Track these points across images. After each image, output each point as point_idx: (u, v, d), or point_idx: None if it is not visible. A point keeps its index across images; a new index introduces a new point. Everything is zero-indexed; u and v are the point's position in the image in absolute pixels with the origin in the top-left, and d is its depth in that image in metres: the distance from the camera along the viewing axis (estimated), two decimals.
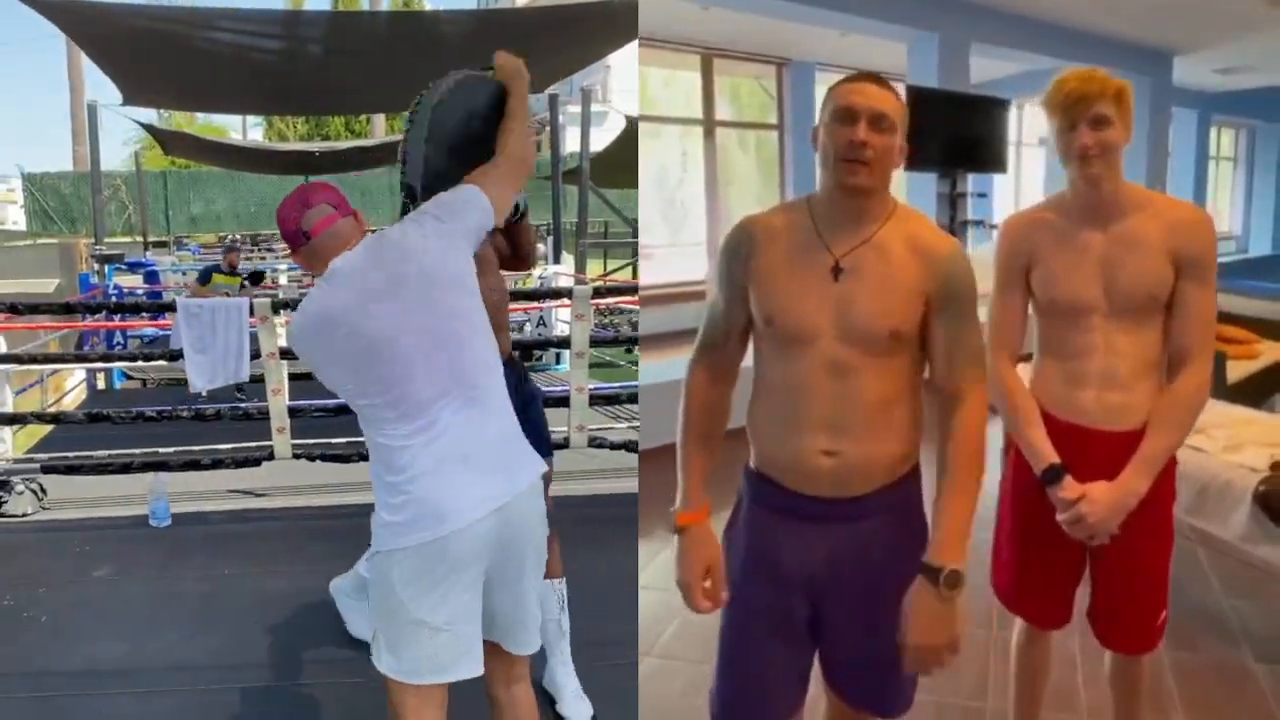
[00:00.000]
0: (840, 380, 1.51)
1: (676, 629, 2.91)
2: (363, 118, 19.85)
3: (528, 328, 8.11)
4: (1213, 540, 3.02)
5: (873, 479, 1.55)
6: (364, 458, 3.57)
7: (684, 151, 7.38)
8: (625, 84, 10.11)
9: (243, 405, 4.89)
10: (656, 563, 3.23)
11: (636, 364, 6.81)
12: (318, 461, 4.25)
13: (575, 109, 8.75)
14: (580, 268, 9.29)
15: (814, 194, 1.59)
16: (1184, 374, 1.78)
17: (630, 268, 11.74)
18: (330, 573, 3.00)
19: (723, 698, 1.67)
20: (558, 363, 7.69)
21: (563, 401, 4.25)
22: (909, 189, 6.83)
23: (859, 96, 1.49)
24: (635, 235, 12.62)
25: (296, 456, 4.24)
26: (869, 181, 1.51)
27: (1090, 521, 1.76)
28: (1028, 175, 10.23)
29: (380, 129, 17.63)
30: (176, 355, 4.50)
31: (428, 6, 23.51)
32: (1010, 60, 7.72)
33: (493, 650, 1.64)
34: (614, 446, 4.51)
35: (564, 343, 4.52)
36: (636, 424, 5.06)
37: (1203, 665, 2.47)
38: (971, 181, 6.97)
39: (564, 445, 4.18)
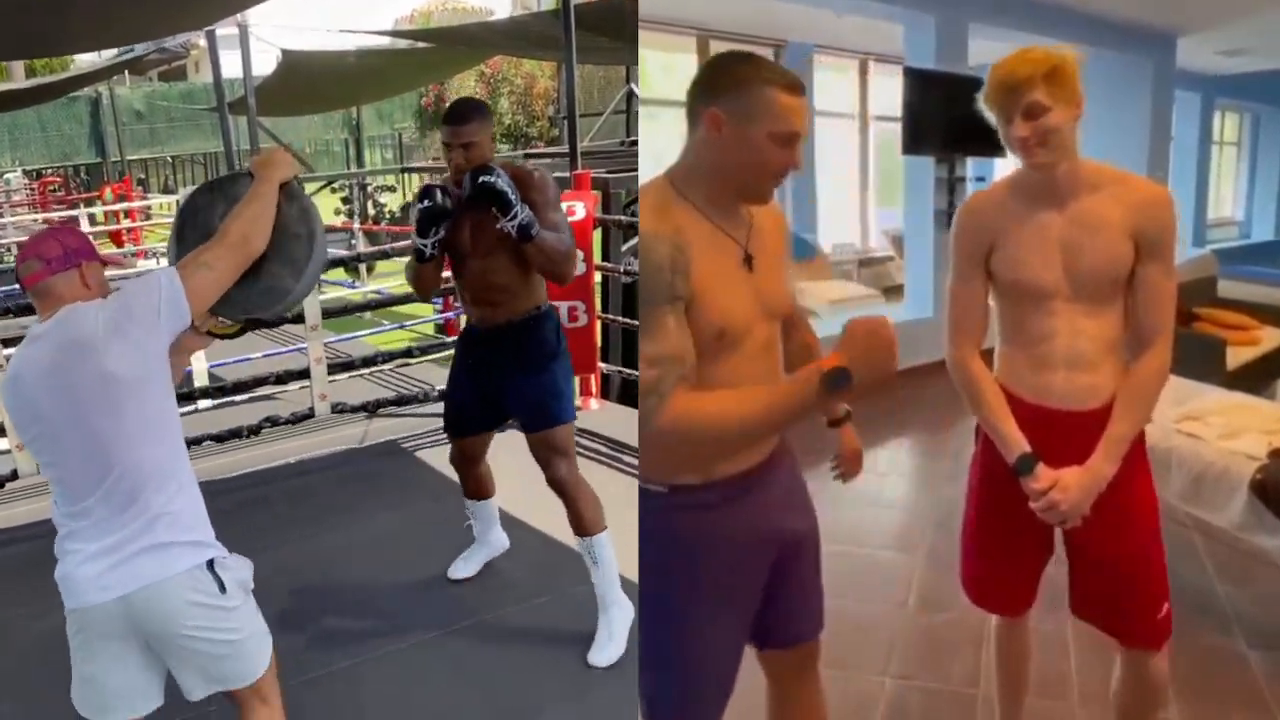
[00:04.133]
0: None
1: None
2: None
3: None
4: (1208, 528, 2.99)
5: None
6: (195, 442, 4.04)
7: (681, 135, 7.31)
8: (273, 13, 10.42)
9: None
10: None
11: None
12: None
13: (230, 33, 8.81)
14: None
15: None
16: (1145, 356, 1.77)
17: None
18: None
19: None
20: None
21: (304, 373, 4.43)
22: (906, 173, 6.78)
23: None
24: (307, 166, 12.74)
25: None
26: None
27: (1064, 508, 1.76)
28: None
29: (20, 71, 17.32)
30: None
31: None
32: (1009, 42, 7.64)
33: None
34: (354, 409, 4.62)
35: (296, 319, 4.45)
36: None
37: (1196, 651, 2.45)
38: (970, 166, 6.91)
39: (310, 415, 4.45)
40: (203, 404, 5.05)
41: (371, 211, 15.05)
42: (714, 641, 1.64)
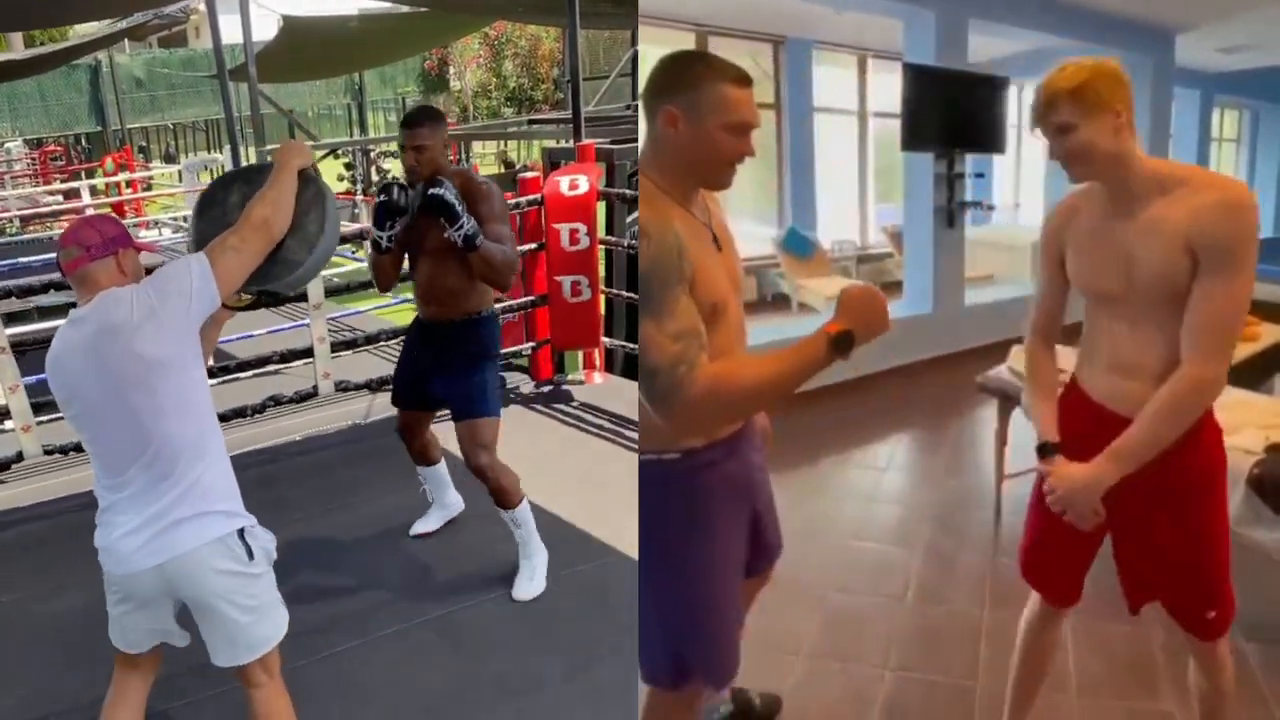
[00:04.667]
0: None
1: None
2: None
3: None
4: None
5: None
6: None
7: None
8: None
9: None
10: None
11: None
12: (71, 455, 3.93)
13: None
14: None
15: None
16: (1181, 370, 1.71)
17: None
18: None
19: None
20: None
21: (307, 352, 4.47)
22: (906, 169, 6.79)
23: None
24: (309, 134, 12.70)
25: (49, 453, 3.89)
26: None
27: (1058, 495, 1.81)
28: (1028, 156, 10.17)
29: (19, 41, 17.11)
30: None
31: None
32: (1009, 39, 7.64)
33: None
34: (358, 387, 4.64)
35: (299, 296, 4.48)
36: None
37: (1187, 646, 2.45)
38: (970, 162, 6.92)
39: (313, 394, 4.50)
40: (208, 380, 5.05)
41: (375, 178, 14.94)
42: (733, 580, 1.81)
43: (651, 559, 1.75)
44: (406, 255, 3.00)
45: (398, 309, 6.55)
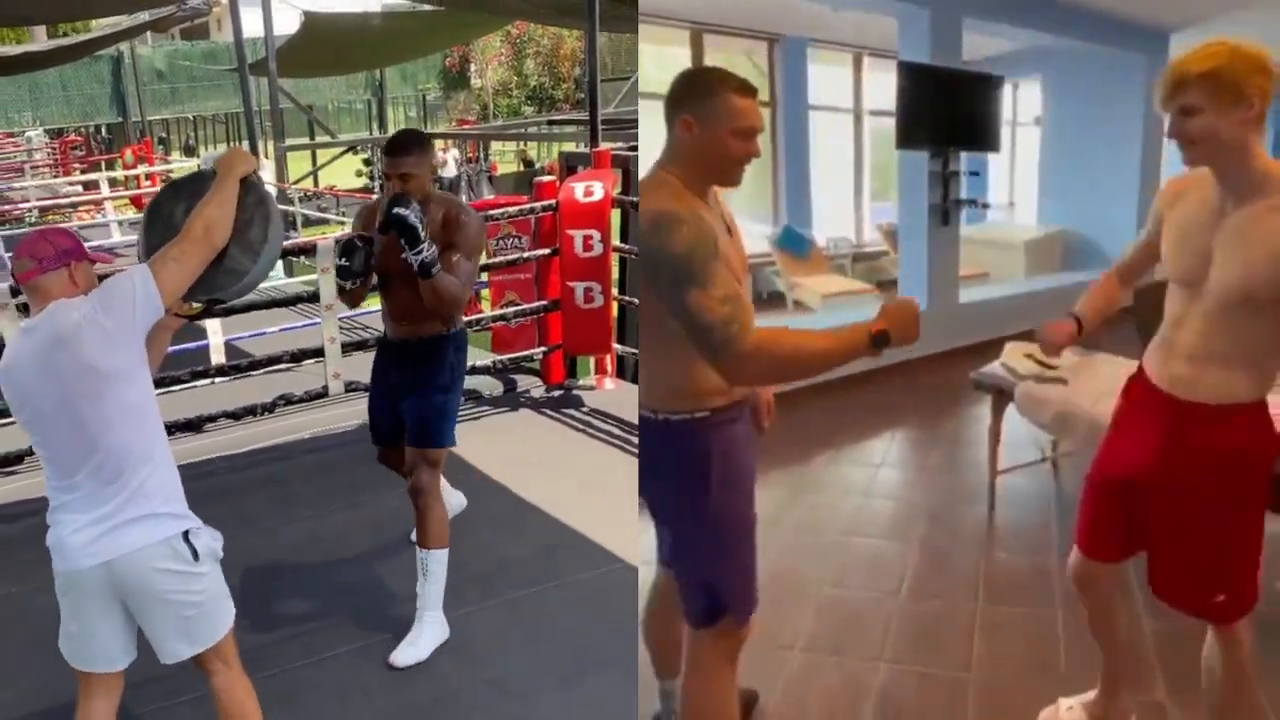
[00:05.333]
0: None
1: None
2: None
3: None
4: None
5: None
6: (210, 419, 4.23)
7: None
8: None
9: None
10: None
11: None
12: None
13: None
14: (281, 176, 9.17)
15: None
16: None
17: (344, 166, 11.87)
18: None
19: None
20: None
21: (318, 352, 4.48)
22: (900, 167, 6.81)
23: None
24: (327, 131, 12.69)
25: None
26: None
27: None
28: (1022, 154, 10.20)
29: (42, 31, 17.17)
30: None
31: None
32: (1004, 37, 7.67)
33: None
34: (368, 389, 4.50)
35: (312, 298, 4.61)
36: None
37: (1183, 635, 2.47)
38: (964, 160, 6.94)
39: (323, 394, 4.49)
40: (219, 378, 5.07)
41: None
42: (752, 521, 1.98)
43: (682, 508, 1.93)
44: (375, 274, 2.88)
45: None
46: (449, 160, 15.79)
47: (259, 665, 2.49)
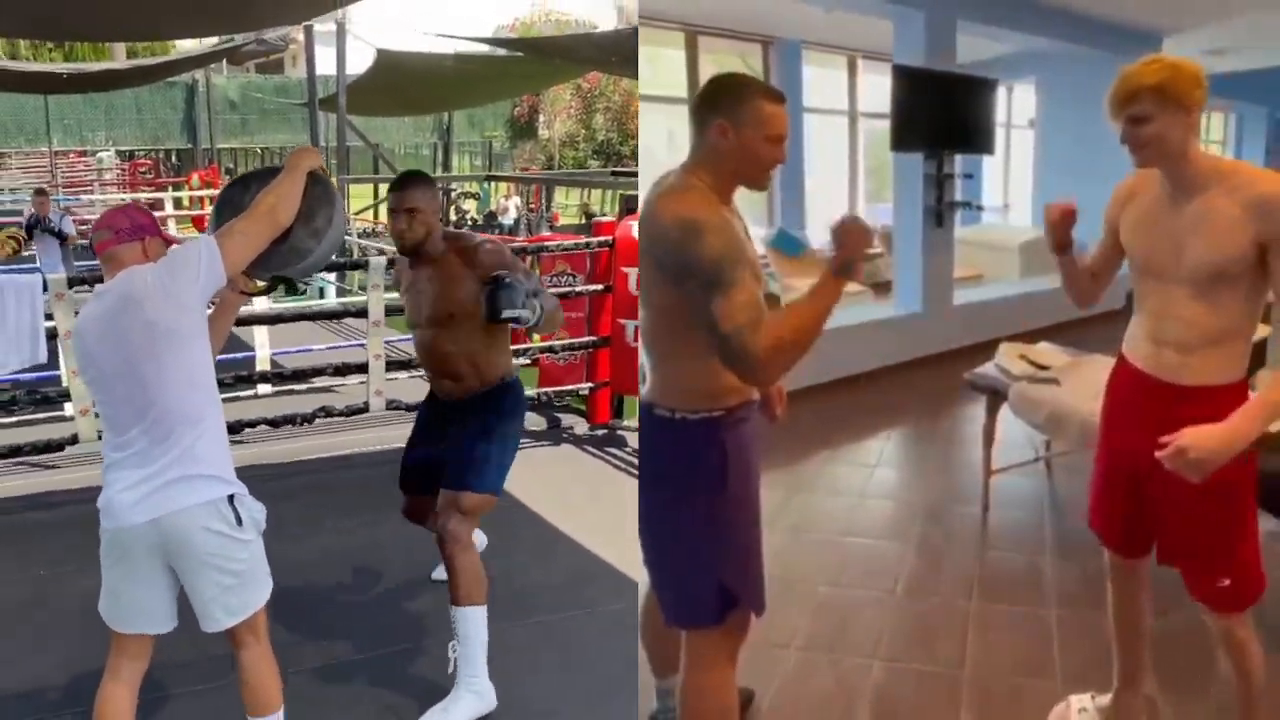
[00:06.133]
0: None
1: None
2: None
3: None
4: None
5: None
6: (249, 425, 4.23)
7: (670, 130, 7.35)
8: (374, 14, 10.48)
9: (41, 388, 4.45)
10: None
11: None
12: None
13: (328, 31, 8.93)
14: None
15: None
16: None
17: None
18: None
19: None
20: (320, 296, 7.87)
21: (361, 368, 4.53)
22: (895, 170, 6.83)
23: None
24: (391, 167, 12.87)
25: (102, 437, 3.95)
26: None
27: (1192, 457, 1.76)
28: (1017, 157, 10.25)
29: (121, 51, 17.31)
30: None
31: None
32: (998, 40, 7.71)
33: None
34: (409, 408, 4.61)
35: (359, 312, 4.68)
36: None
37: (1174, 631, 2.50)
38: (959, 162, 6.97)
39: (364, 409, 4.53)
40: (262, 389, 5.11)
41: (454, 217, 15.15)
42: (760, 515, 2.02)
43: (692, 505, 1.94)
44: (408, 324, 2.77)
45: None
46: (510, 207, 15.95)
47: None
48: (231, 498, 2.00)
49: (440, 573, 3.10)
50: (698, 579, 1.97)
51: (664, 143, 7.36)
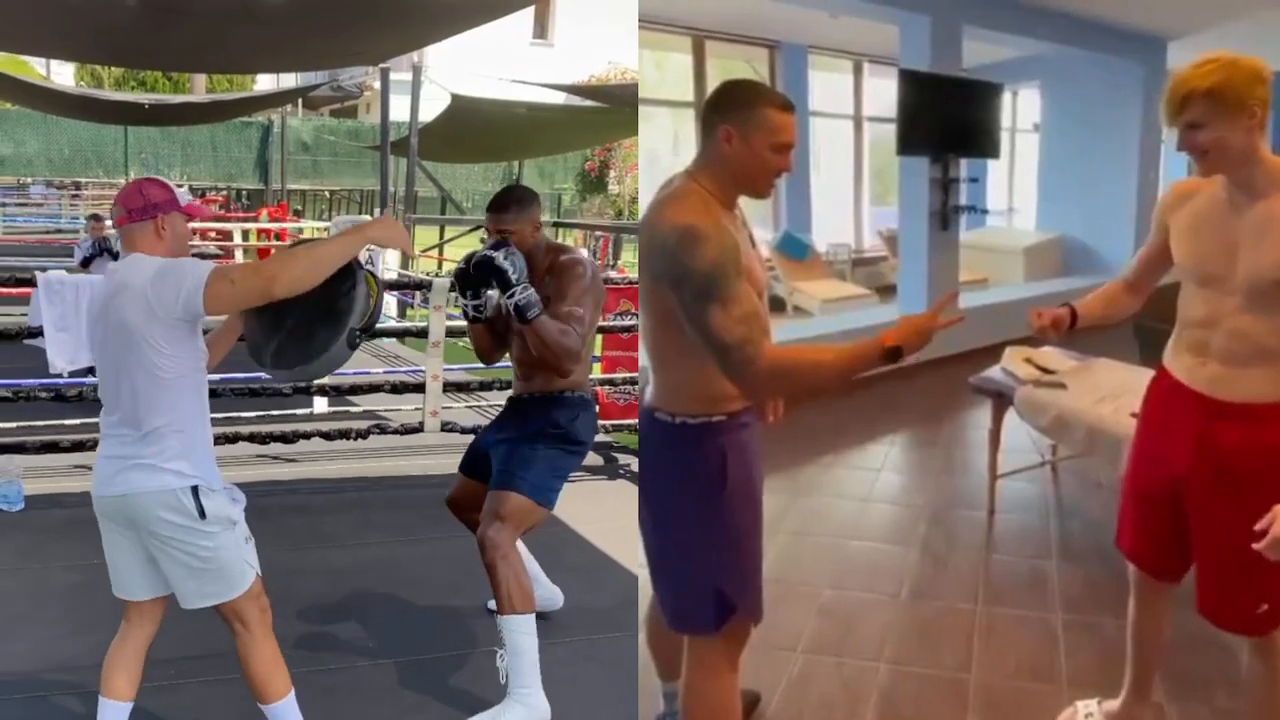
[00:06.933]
0: None
1: None
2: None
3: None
4: None
5: None
6: (230, 440, 4.11)
7: (676, 134, 7.38)
8: (451, 61, 10.51)
9: None
10: None
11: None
12: None
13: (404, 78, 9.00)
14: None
15: None
16: None
17: (465, 238, 11.99)
18: None
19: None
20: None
21: (418, 388, 4.56)
22: (901, 173, 6.84)
23: None
24: (457, 208, 12.97)
25: None
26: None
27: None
28: (1022, 161, 10.25)
29: (201, 86, 17.33)
30: (36, 333, 4.25)
31: None
32: (1004, 45, 7.71)
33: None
34: (464, 431, 4.66)
35: (420, 332, 4.75)
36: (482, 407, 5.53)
37: (1181, 638, 2.49)
38: (964, 167, 6.97)
39: (419, 429, 4.55)
40: (319, 407, 5.15)
41: None
42: (760, 521, 2.00)
43: (691, 511, 1.93)
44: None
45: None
46: None
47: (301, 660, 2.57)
48: (196, 490, 2.02)
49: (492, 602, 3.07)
50: (695, 586, 1.97)
51: (669, 145, 7.38)
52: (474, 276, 2.57)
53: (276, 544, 3.18)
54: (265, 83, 15.74)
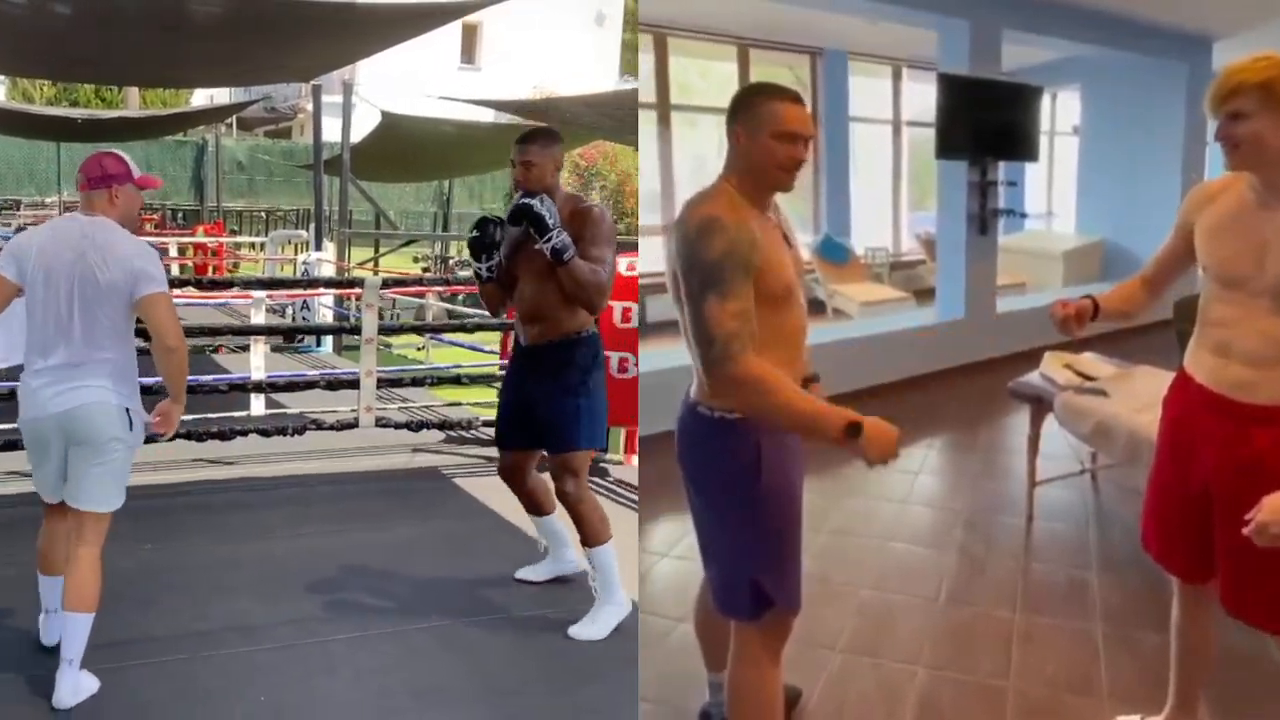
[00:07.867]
0: None
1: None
2: (114, 87, 19.49)
3: (289, 312, 8.60)
4: None
5: None
6: (241, 433, 4.53)
7: (720, 141, 7.41)
8: (382, 82, 10.65)
9: None
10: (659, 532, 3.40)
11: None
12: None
13: (334, 100, 9.13)
14: (341, 255, 9.60)
15: None
16: None
17: (393, 254, 12.61)
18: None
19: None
20: (318, 345, 8.05)
21: (353, 384, 4.71)
22: (939, 177, 6.84)
23: None
24: (391, 225, 13.24)
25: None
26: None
27: (1274, 530, 1.68)
28: (1061, 164, 10.16)
29: (134, 101, 17.54)
30: None
31: None
32: (1044, 48, 7.66)
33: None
34: (398, 426, 4.84)
35: (354, 329, 4.89)
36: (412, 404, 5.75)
37: (1227, 652, 2.47)
38: (1003, 170, 6.95)
39: (353, 425, 4.68)
40: (255, 409, 5.22)
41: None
42: (800, 513, 2.05)
43: (728, 502, 1.99)
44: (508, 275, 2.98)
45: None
46: None
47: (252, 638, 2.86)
48: (128, 411, 2.45)
49: (524, 572, 3.33)
50: (734, 574, 2.03)
51: (715, 151, 7.44)
52: (486, 242, 2.89)
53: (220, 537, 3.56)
54: (199, 100, 15.99)
